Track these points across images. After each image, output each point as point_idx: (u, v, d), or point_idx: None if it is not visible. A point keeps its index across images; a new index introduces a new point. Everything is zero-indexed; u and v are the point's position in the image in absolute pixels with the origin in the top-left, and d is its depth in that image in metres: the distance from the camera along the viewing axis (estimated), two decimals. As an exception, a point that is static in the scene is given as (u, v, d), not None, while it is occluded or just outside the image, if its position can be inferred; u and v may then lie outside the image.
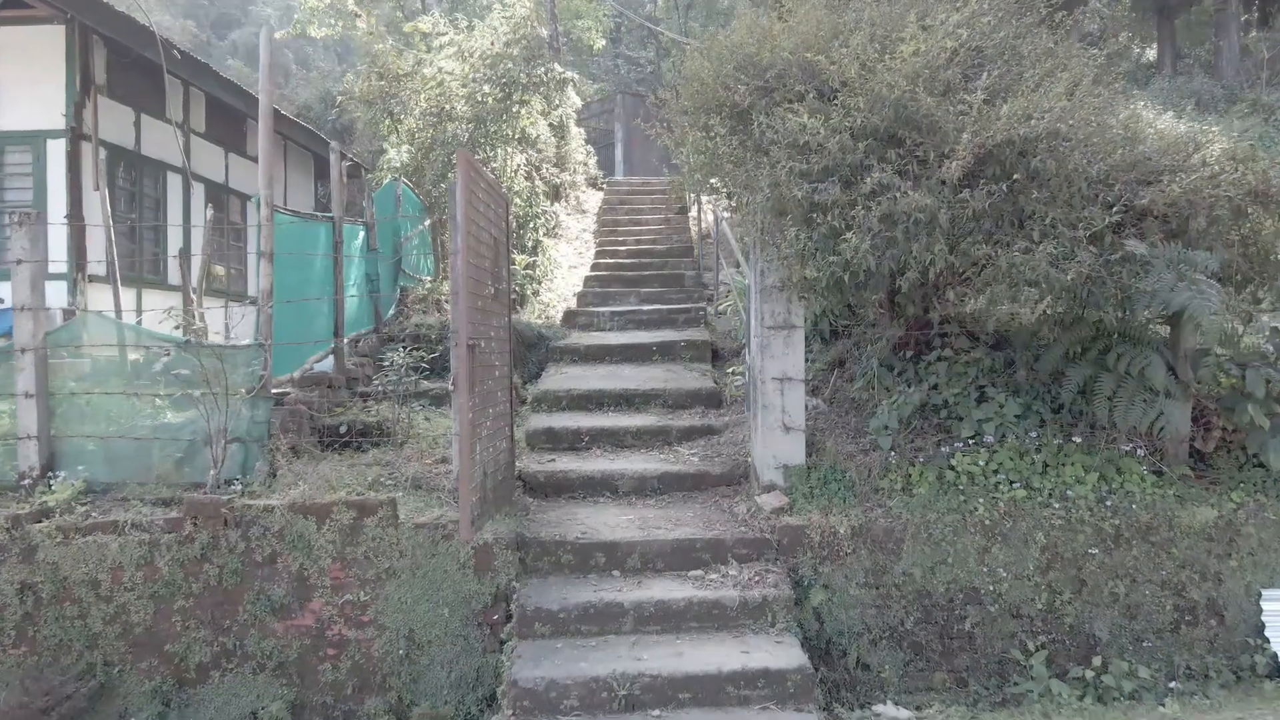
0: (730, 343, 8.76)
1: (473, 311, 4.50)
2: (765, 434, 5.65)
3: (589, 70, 25.03)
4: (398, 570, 5.03)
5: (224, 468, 5.30)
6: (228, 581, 5.00)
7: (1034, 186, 4.97)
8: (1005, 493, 5.29)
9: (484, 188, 4.88)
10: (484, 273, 4.86)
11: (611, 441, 6.60)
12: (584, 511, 5.70)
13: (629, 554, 5.18)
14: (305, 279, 6.73)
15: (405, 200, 9.64)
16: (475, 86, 10.69)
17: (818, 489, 5.53)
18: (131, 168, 10.57)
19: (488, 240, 4.94)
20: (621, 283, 10.89)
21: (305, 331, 6.72)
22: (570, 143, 15.50)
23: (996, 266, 4.87)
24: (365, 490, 5.37)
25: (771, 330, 5.68)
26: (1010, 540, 5.18)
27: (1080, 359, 5.62)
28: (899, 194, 4.81)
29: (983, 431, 5.61)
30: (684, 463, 6.23)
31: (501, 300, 5.40)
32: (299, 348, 6.64)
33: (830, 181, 5.06)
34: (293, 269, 6.44)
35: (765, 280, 5.68)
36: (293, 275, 6.46)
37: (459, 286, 4.32)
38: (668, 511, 5.70)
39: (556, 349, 8.35)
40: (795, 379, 5.68)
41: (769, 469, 5.64)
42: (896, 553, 5.20)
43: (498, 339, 5.28)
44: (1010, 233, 5.03)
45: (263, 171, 5.55)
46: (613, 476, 6.01)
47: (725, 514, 5.64)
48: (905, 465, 5.57)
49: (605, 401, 7.22)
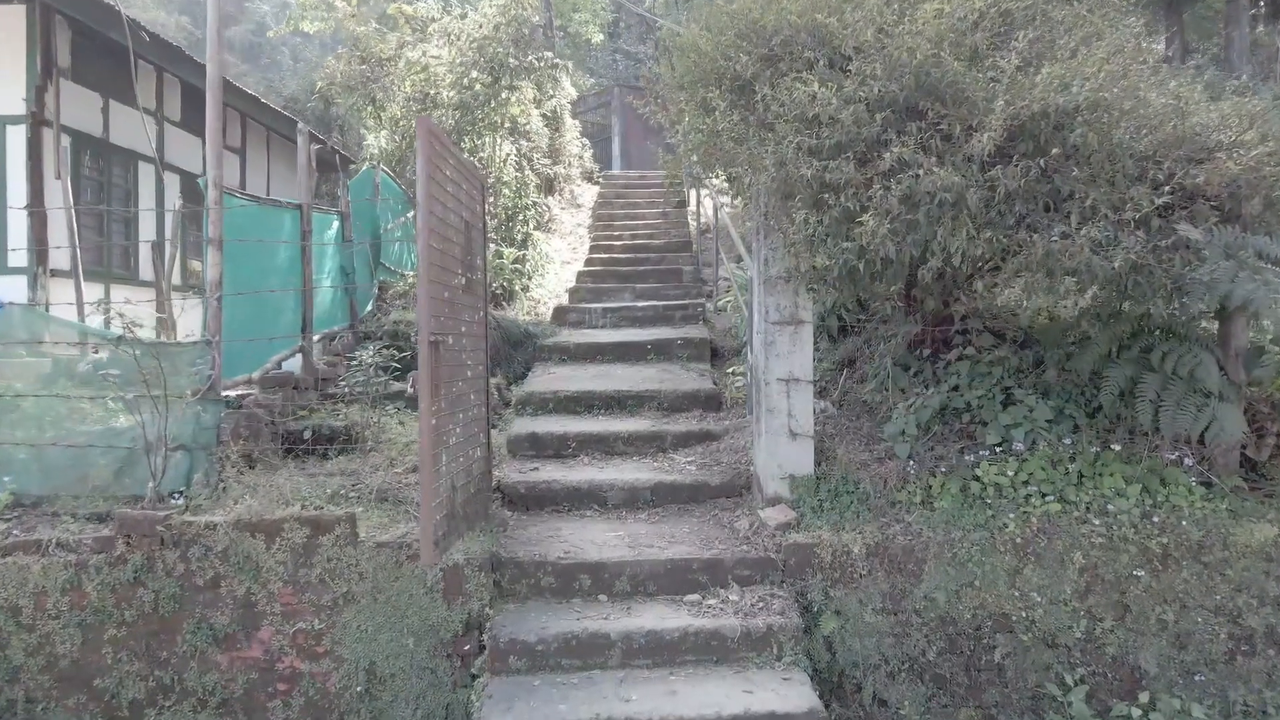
0: (731, 341, 8.21)
1: (437, 303, 3.94)
2: (769, 441, 5.09)
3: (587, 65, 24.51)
4: (357, 595, 4.47)
5: (165, 479, 4.74)
6: (165, 608, 4.44)
7: (1072, 164, 4.41)
8: (1037, 507, 4.73)
9: (452, 164, 4.33)
10: (452, 260, 4.30)
11: (601, 448, 6.04)
12: (569, 527, 5.14)
13: (617, 576, 4.63)
14: (267, 270, 6.18)
15: (385, 189, 9.10)
16: (462, 71, 10.15)
17: (828, 502, 4.97)
18: (99, 156, 10.02)
19: (456, 223, 4.39)
20: (616, 278, 10.34)
21: (267, 327, 6.17)
22: (565, 135, 14.97)
23: (1031, 253, 4.31)
24: (324, 504, 4.81)
25: (776, 326, 5.12)
26: (1044, 560, 4.62)
27: (1118, 358, 5.07)
28: (922, 171, 4.25)
29: (1011, 438, 5.05)
30: (680, 472, 5.67)
31: (475, 292, 4.84)
32: (261, 345, 6.08)
33: (843, 159, 4.50)
34: (251, 259, 5.89)
35: (769, 270, 5.12)
36: (251, 266, 5.90)
37: (420, 274, 3.76)
38: (661, 527, 5.14)
39: (544, 347, 7.79)
40: (803, 380, 5.13)
41: (773, 480, 5.09)
42: (917, 574, 4.64)
43: (471, 335, 4.72)
44: (1045, 216, 4.47)
45: (210, 149, 5.00)
46: (601, 487, 5.45)
47: (725, 530, 5.08)
48: (925, 476, 5.01)
49: (595, 404, 6.66)
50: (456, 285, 4.42)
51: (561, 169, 14.50)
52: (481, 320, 5.02)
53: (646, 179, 15.77)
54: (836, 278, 4.66)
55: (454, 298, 4.35)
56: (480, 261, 5.00)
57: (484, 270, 5.09)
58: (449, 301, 4.26)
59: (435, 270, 3.94)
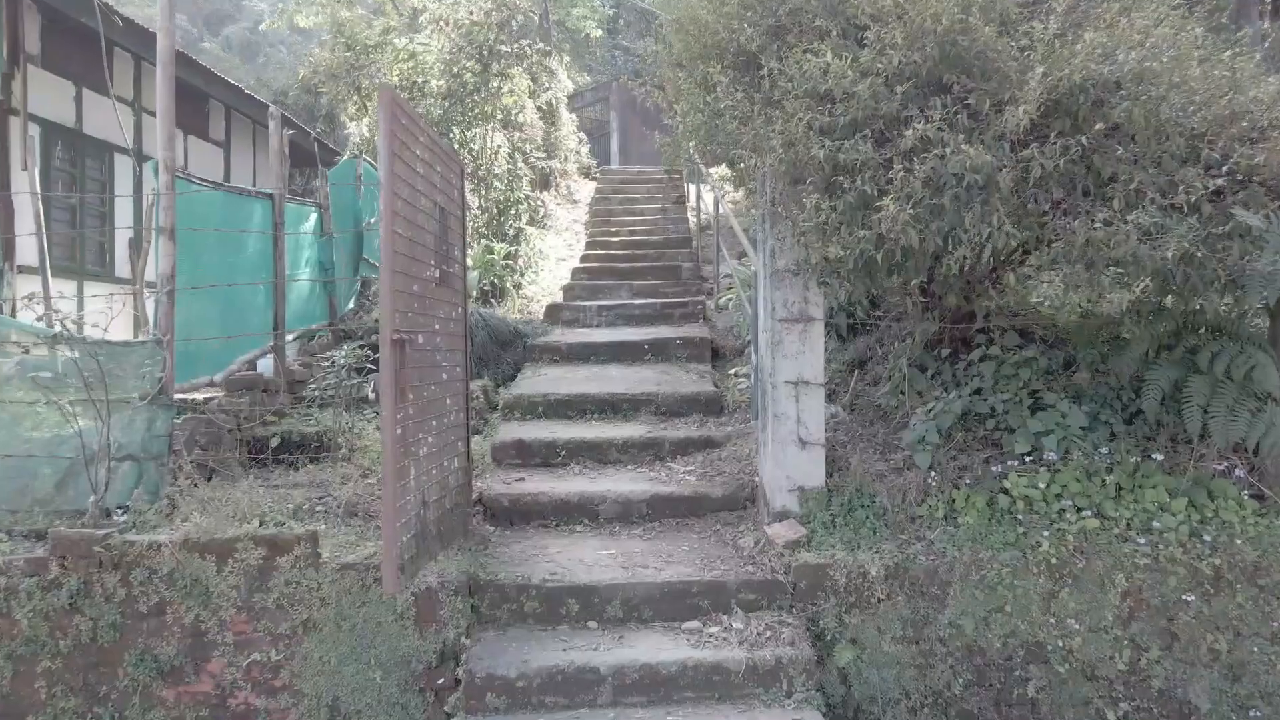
0: (732, 340, 7.77)
1: (403, 297, 3.49)
2: (776, 449, 4.64)
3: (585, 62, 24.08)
4: (318, 623, 4.02)
5: (110, 492, 4.28)
6: (104, 637, 3.98)
7: (1115, 143, 3.97)
8: (1073, 523, 4.28)
9: (424, 143, 3.87)
10: (423, 249, 3.85)
11: (593, 456, 5.58)
12: (556, 544, 4.69)
13: (609, 600, 4.18)
14: (233, 264, 5.72)
15: (369, 180, 8.64)
16: (451, 59, 9.71)
17: (841, 518, 4.52)
18: (71, 147, 9.57)
19: (428, 208, 3.93)
20: (613, 275, 9.88)
21: (234, 325, 5.72)
22: (561, 129, 14.53)
23: (1070, 243, 3.87)
24: (287, 520, 4.36)
25: (784, 324, 4.67)
26: (1083, 583, 4.17)
27: (1157, 359, 4.62)
28: (949, 150, 3.80)
29: (1041, 446, 4.60)
30: (678, 483, 5.21)
31: (452, 285, 4.39)
32: (226, 344, 5.63)
33: (859, 137, 4.06)
34: (215, 251, 5.44)
35: (776, 263, 4.67)
36: (215, 258, 5.45)
37: (383, 264, 3.31)
38: (658, 544, 4.69)
39: (535, 347, 7.33)
40: (813, 383, 4.67)
41: (781, 492, 4.63)
42: (941, 599, 4.19)
43: (447, 334, 4.27)
44: (1083, 201, 4.02)
45: (161, 128, 4.55)
46: (593, 500, 5.00)
47: (728, 548, 4.63)
48: (948, 488, 4.56)
49: (588, 408, 6.21)
50: (429, 278, 3.96)
51: (558, 164, 14.07)
52: (460, 317, 4.57)
53: (645, 174, 15.37)
54: (851, 270, 4.21)
55: (426, 291, 3.90)
56: (459, 253, 4.55)
57: (463, 263, 4.64)
58: (419, 295, 3.81)
59: (401, 260, 3.49)
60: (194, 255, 5.12)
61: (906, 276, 4.40)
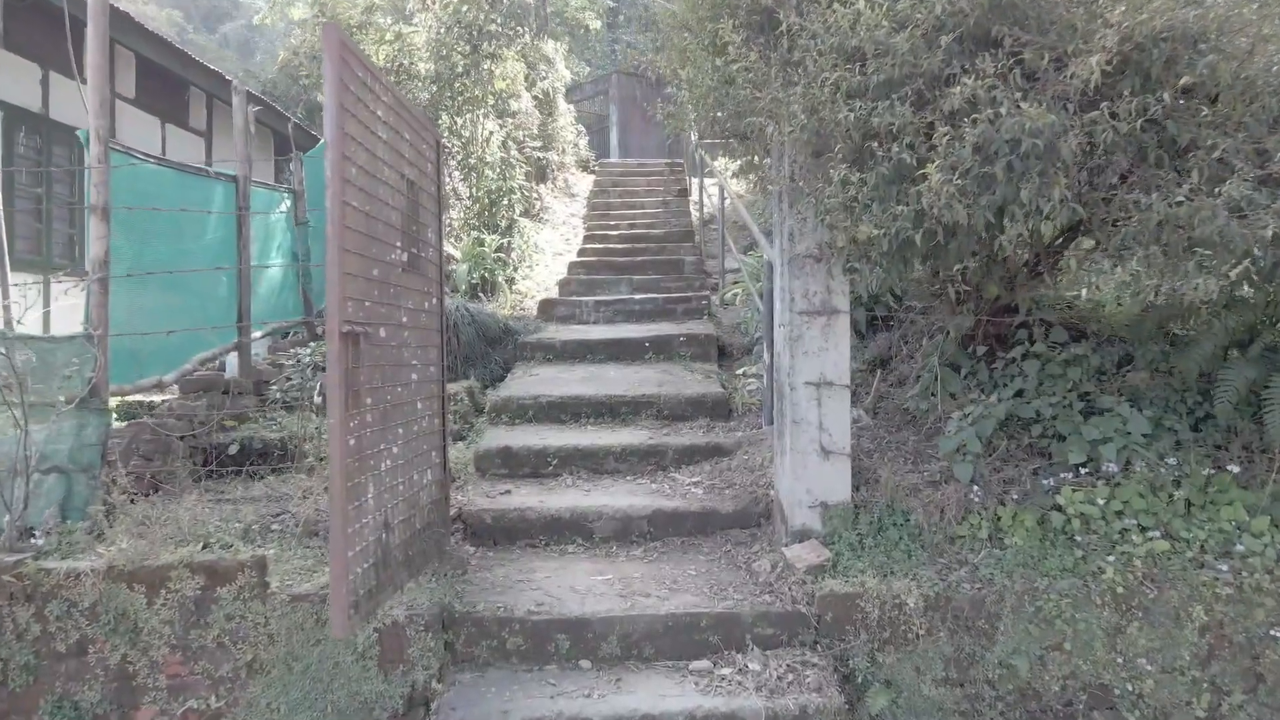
0: (739, 337, 7.20)
1: (357, 282, 2.93)
2: (795, 460, 4.07)
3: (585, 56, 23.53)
4: (266, 664, 3.45)
5: (29, 511, 3.72)
6: (16, 681, 3.42)
7: (1194, 104, 3.40)
8: (1139, 545, 3.71)
9: (386, 102, 3.30)
10: (386, 228, 3.28)
11: (588, 466, 5.01)
12: (545, 568, 4.12)
13: (604, 635, 3.61)
14: (189, 251, 5.16)
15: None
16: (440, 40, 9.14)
17: (870, 538, 3.95)
18: (36, 133, 9.02)
19: (392, 180, 3.36)
20: (611, 269, 9.32)
21: (192, 319, 5.15)
22: (558, 120, 13.99)
23: (1145, 220, 3.30)
24: (235, 541, 3.79)
25: (805, 317, 4.10)
26: (1154, 617, 3.60)
27: (1230, 356, 4.06)
28: (1004, 111, 3.23)
29: (1098, 456, 4.03)
30: (683, 496, 4.64)
31: (424, 273, 3.82)
32: (183, 341, 5.06)
33: (895, 99, 3.49)
34: (166, 236, 4.87)
35: (796, 247, 4.10)
36: (166, 244, 4.88)
37: (329, 241, 2.74)
38: (660, 568, 4.12)
39: (527, 345, 6.76)
40: (837, 384, 4.11)
41: (801, 508, 4.07)
42: (989, 634, 3.62)
43: (418, 327, 3.70)
44: (1157, 173, 3.45)
45: (92, 93, 3.98)
46: (587, 516, 4.43)
47: (741, 572, 4.06)
48: (992, 504, 3.99)
49: (583, 412, 5.64)
50: (394, 262, 3.39)
51: (555, 156, 13.53)
52: (435, 309, 4.00)
53: (645, 167, 14.86)
54: (885, 253, 3.63)
55: (390, 277, 3.33)
56: (433, 235, 3.99)
57: (439, 248, 4.07)
58: (381, 282, 3.24)
59: (355, 238, 2.92)
60: (140, 240, 4.56)
61: (947, 261, 3.83)
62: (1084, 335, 4.75)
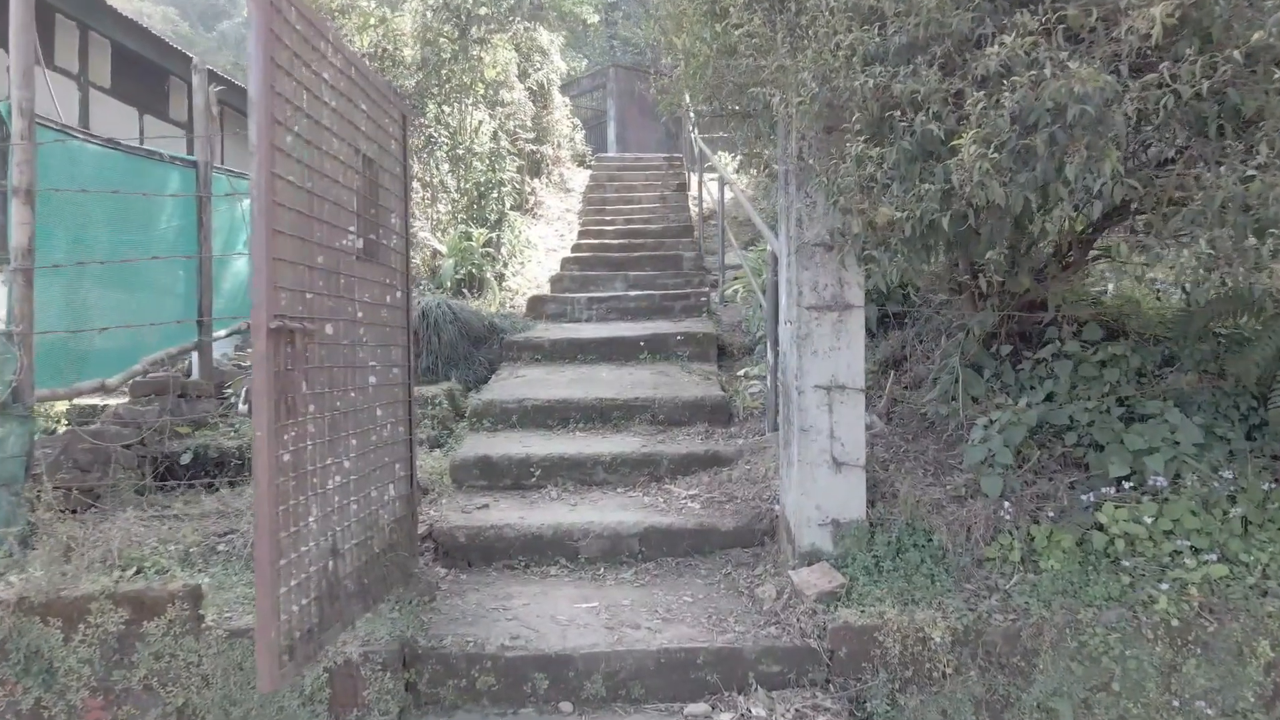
0: (740, 336, 6.77)
1: (294, 270, 2.49)
2: (803, 472, 3.64)
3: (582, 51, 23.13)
4: (199, 709, 3.02)
5: (-62, 531, 3.29)
6: (-89, 729, 2.99)
7: (1263, 68, 2.97)
8: (1193, 570, 3.28)
9: (335, 65, 2.87)
10: (335, 210, 2.85)
11: (575, 476, 4.57)
12: (523, 593, 3.68)
13: (588, 674, 3.17)
14: (141, 241, 4.72)
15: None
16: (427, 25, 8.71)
17: (888, 561, 3.52)
18: None
19: (345, 155, 2.93)
20: (607, 265, 8.89)
21: (145, 315, 4.71)
22: (553, 113, 13.58)
23: (1209, 198, 2.86)
24: (171, 566, 3.36)
25: (814, 312, 3.67)
26: (1213, 652, 3.17)
27: (1288, 356, 3.63)
28: (1048, 73, 2.79)
29: (1142, 469, 3.60)
30: (679, 511, 4.21)
31: (386, 262, 3.39)
32: (134, 340, 4.63)
33: (918, 63, 3.06)
34: (110, 224, 4.44)
35: (804, 234, 3.67)
36: (110, 233, 4.45)
37: (254, 219, 2.31)
38: (653, 593, 3.68)
39: (513, 344, 6.32)
40: (851, 387, 3.67)
41: (810, 526, 3.63)
42: (1025, 672, 3.19)
43: (377, 324, 3.27)
44: (1220, 145, 3.02)
45: (14, 61, 3.54)
46: (572, 534, 3.99)
47: (743, 599, 3.62)
48: (1024, 522, 3.56)
49: (571, 416, 5.20)
50: (345, 249, 2.96)
51: (550, 150, 13.11)
52: (400, 303, 3.57)
53: (643, 161, 14.45)
54: (907, 239, 3.20)
55: (340, 266, 2.89)
56: (397, 221, 3.55)
57: (405, 236, 3.64)
58: (329, 271, 2.80)
59: (291, 218, 2.49)
60: (78, 228, 4.13)
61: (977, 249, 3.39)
62: (1117, 334, 4.32)
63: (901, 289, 5.40)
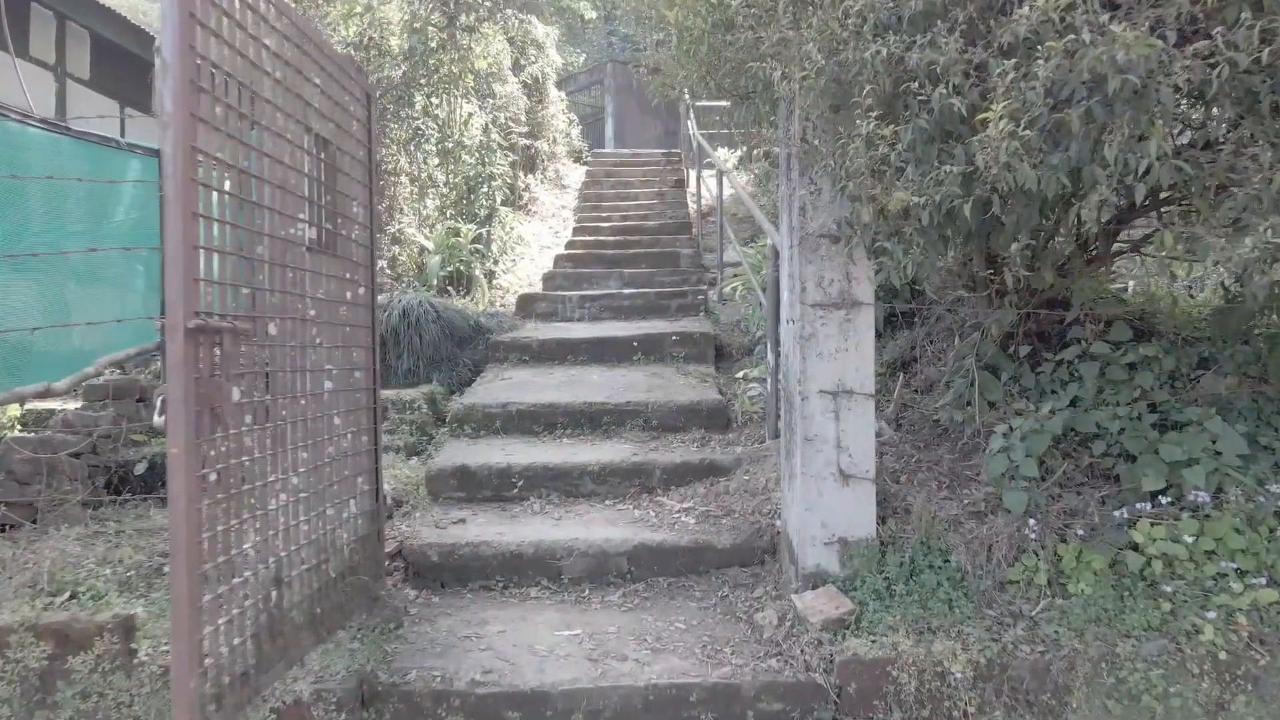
0: (739, 336, 6.45)
1: (219, 260, 2.16)
2: (807, 485, 3.31)
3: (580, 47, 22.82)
4: (131, 754, 2.69)
5: None
6: None
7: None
8: (1240, 595, 2.96)
9: (279, 29, 2.54)
10: (280, 194, 2.53)
11: (560, 488, 4.25)
12: (500, 619, 3.35)
13: (568, 713, 2.85)
14: (95, 233, 4.39)
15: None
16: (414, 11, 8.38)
17: (901, 584, 3.19)
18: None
19: (291, 133, 2.61)
20: (601, 262, 8.57)
21: (97, 312, 4.38)
22: (549, 107, 13.24)
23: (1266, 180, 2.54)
24: (109, 591, 3.04)
25: (819, 310, 3.34)
26: (1265, 688, 2.84)
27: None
28: (1086, 39, 2.47)
29: (1180, 482, 3.27)
30: (672, 526, 3.88)
31: (347, 256, 3.06)
32: (85, 341, 4.31)
33: (937, 31, 2.74)
34: (58, 215, 4.11)
35: (809, 225, 3.34)
36: (58, 225, 4.12)
37: (167, 200, 1.99)
38: (641, 619, 3.35)
39: (500, 345, 6.00)
40: (859, 392, 3.34)
41: (815, 545, 3.31)
42: (1056, 712, 2.86)
43: (335, 323, 2.95)
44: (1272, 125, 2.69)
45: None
46: (555, 552, 3.66)
47: (741, 626, 3.29)
48: (1050, 541, 3.23)
49: (558, 422, 4.87)
50: (293, 238, 2.63)
51: (545, 145, 12.78)
52: (365, 301, 3.24)
53: (640, 157, 14.13)
54: (924, 228, 2.87)
55: (287, 258, 2.57)
56: (361, 211, 3.22)
57: (371, 227, 3.31)
58: (273, 264, 2.48)
59: (221, 202, 2.16)
60: (17, 220, 3.80)
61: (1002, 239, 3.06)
62: (1145, 334, 3.99)
63: (910, 286, 5.08)
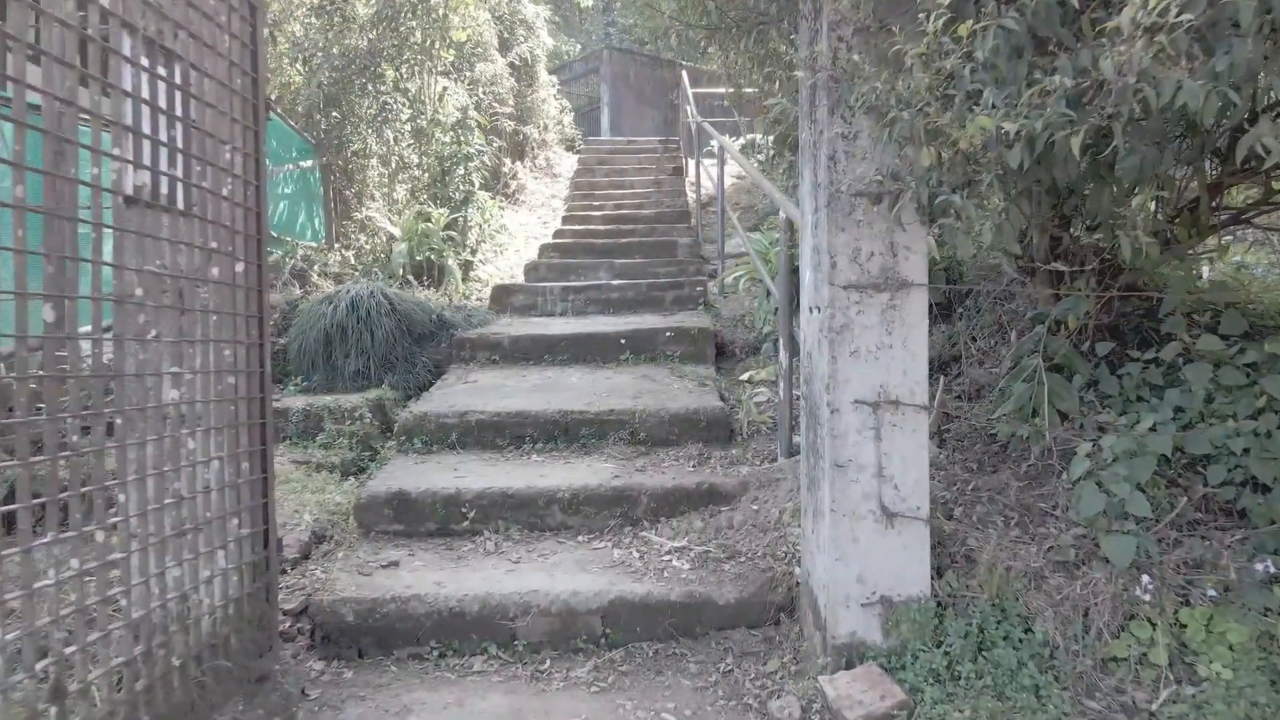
0: (744, 333, 5.61)
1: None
2: (838, 525, 2.48)
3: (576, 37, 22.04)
4: None
5: None
6: None
7: None
8: None
9: None
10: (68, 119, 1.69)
11: (523, 520, 3.41)
12: (428, 705, 2.52)
13: None
14: None
15: (274, 132, 6.57)
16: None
17: (968, 662, 2.36)
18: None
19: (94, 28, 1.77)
20: (591, 252, 7.77)
21: None
22: (539, 91, 12.44)
23: None
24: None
25: (854, 293, 2.51)
26: None
27: None
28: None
29: (1337, 523, 2.44)
30: (659, 573, 3.04)
31: (212, 218, 2.24)
32: None
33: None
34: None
35: (841, 180, 2.50)
36: None
37: None
38: (618, 706, 2.52)
39: (466, 342, 5.16)
40: (907, 403, 2.51)
41: (848, 605, 2.48)
42: None
43: (189, 310, 2.11)
44: None
45: None
46: (506, 609, 2.83)
47: (750, 716, 2.46)
48: (1170, 602, 2.41)
49: (527, 434, 4.04)
50: (95, 183, 1.80)
51: (534, 132, 11.98)
52: (245, 280, 2.41)
53: (636, 144, 13.37)
54: (1011, 174, 2.04)
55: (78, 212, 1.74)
56: (238, 158, 2.40)
57: (257, 180, 2.48)
58: (47, 219, 1.65)
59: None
60: None
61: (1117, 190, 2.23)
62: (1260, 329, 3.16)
63: (946, 269, 4.26)
